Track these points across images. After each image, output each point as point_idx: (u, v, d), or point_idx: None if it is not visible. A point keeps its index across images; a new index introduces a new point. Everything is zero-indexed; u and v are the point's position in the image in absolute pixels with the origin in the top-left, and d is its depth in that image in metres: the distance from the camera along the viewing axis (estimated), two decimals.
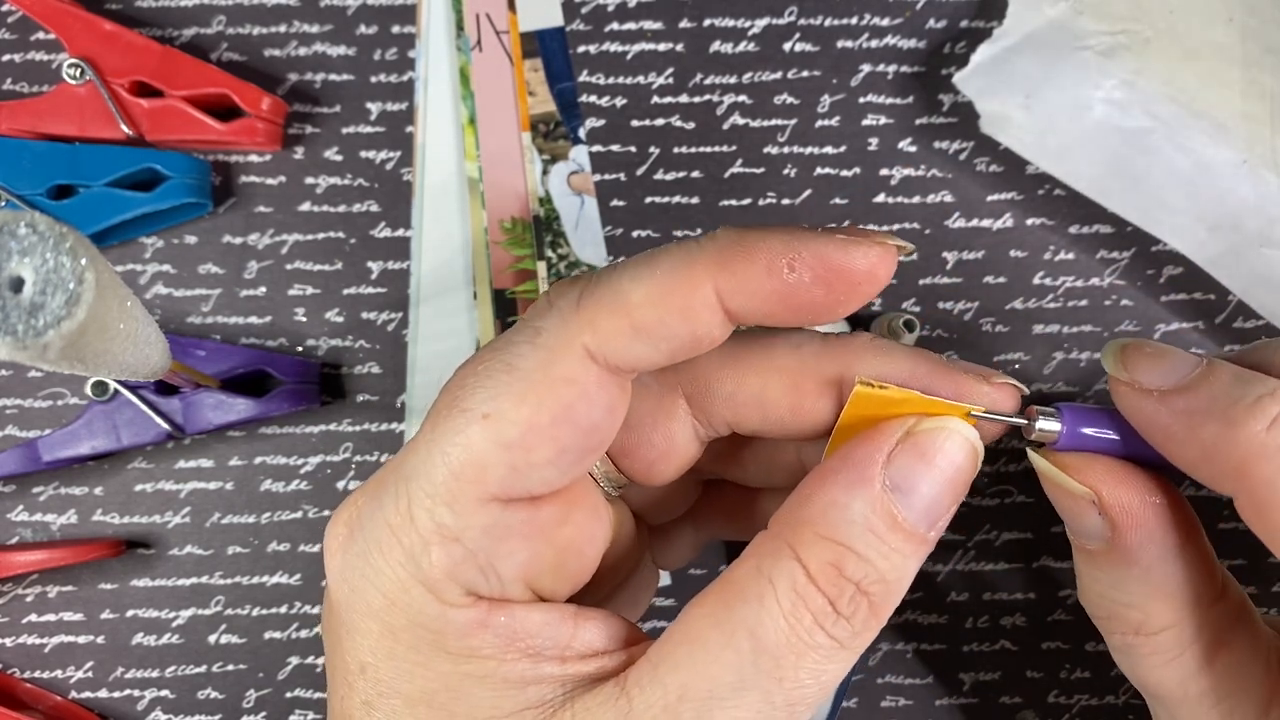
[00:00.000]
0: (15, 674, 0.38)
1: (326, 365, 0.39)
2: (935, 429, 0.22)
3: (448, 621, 0.21)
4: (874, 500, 0.21)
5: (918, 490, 0.21)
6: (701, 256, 0.21)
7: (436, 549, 0.21)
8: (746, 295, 0.21)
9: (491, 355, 0.21)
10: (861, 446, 0.22)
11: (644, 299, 0.21)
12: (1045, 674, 0.38)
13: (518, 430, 0.21)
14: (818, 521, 0.21)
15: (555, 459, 0.21)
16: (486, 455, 0.21)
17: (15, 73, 0.39)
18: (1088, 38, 0.37)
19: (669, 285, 0.21)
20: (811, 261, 0.21)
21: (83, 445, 0.36)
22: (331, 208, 0.39)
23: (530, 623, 0.22)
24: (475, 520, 0.21)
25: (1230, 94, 0.36)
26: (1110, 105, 0.36)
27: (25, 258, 0.20)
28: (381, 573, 0.21)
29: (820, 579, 0.21)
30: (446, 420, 0.21)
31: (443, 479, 0.21)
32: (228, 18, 0.39)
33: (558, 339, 0.21)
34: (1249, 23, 0.36)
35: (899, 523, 0.21)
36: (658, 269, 0.21)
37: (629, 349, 0.21)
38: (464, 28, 0.39)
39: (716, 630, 0.21)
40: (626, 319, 0.21)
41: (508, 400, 0.21)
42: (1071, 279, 0.39)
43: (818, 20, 0.39)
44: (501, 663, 0.21)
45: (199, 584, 0.38)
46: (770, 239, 0.21)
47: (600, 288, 0.21)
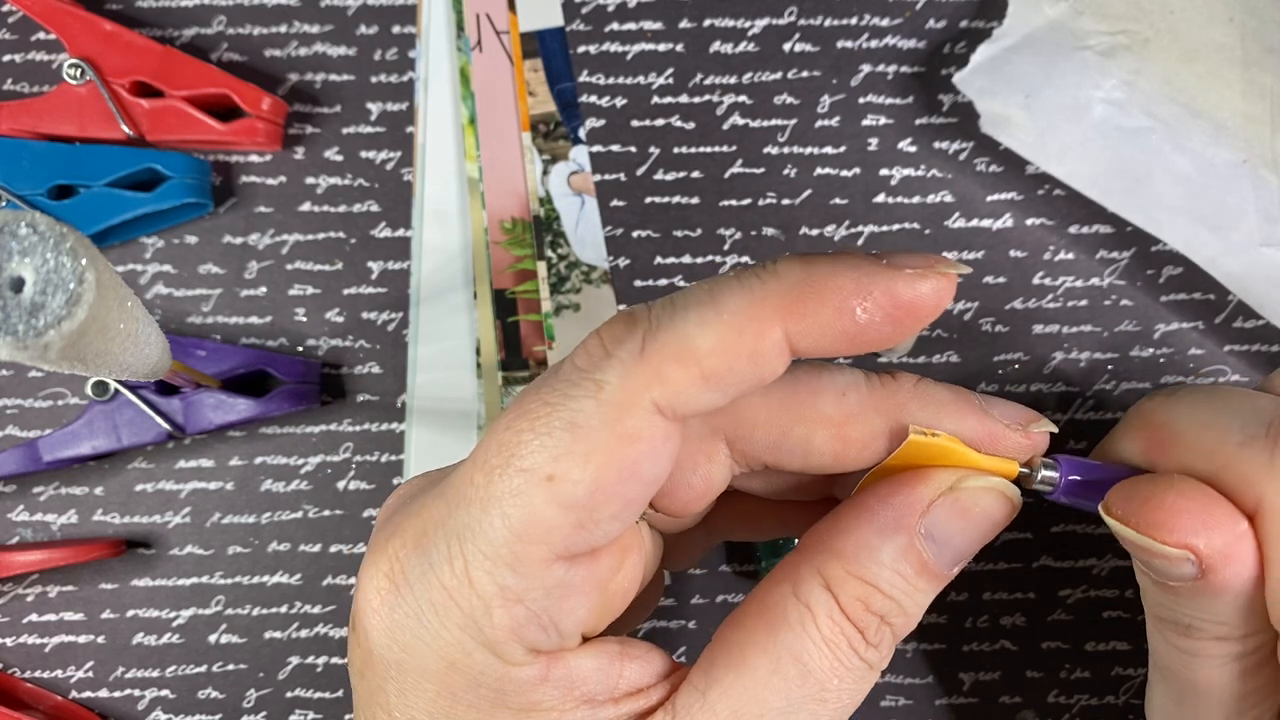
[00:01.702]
0: (15, 674, 0.38)
1: (326, 365, 0.39)
2: (980, 489, 0.23)
3: (510, 680, 0.21)
4: (906, 548, 0.22)
5: (951, 542, 0.22)
6: (769, 297, 0.20)
7: (499, 611, 0.20)
8: (816, 336, 0.20)
9: (549, 410, 0.20)
10: (902, 492, 0.22)
11: (713, 347, 0.20)
12: (1045, 674, 0.38)
13: (584, 491, 0.20)
14: (849, 559, 0.22)
15: (619, 514, 0.21)
16: (551, 517, 0.20)
17: (15, 73, 0.39)
18: (1088, 38, 0.37)
19: (739, 330, 0.20)
20: (883, 301, 0.20)
21: (83, 445, 0.36)
22: (332, 208, 0.39)
23: (584, 670, 0.22)
24: (539, 581, 0.20)
25: (1230, 94, 0.36)
26: (1110, 105, 0.36)
27: (26, 258, 0.20)
28: (439, 635, 0.21)
29: (850, 612, 0.22)
30: (504, 479, 0.20)
31: (504, 540, 0.20)
32: (228, 18, 0.39)
33: (624, 395, 0.20)
34: (1249, 23, 0.36)
35: (927, 567, 0.22)
36: (724, 311, 0.20)
37: (698, 399, 0.20)
38: (464, 28, 0.39)
39: (764, 656, 0.21)
40: (696, 369, 0.20)
41: (572, 461, 0.20)
42: (1071, 279, 0.39)
43: (818, 20, 0.39)
44: (562, 714, 0.21)
45: (199, 584, 0.38)
46: (840, 277, 0.20)
47: (664, 333, 0.20)
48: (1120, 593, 0.38)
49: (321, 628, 0.38)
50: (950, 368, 0.39)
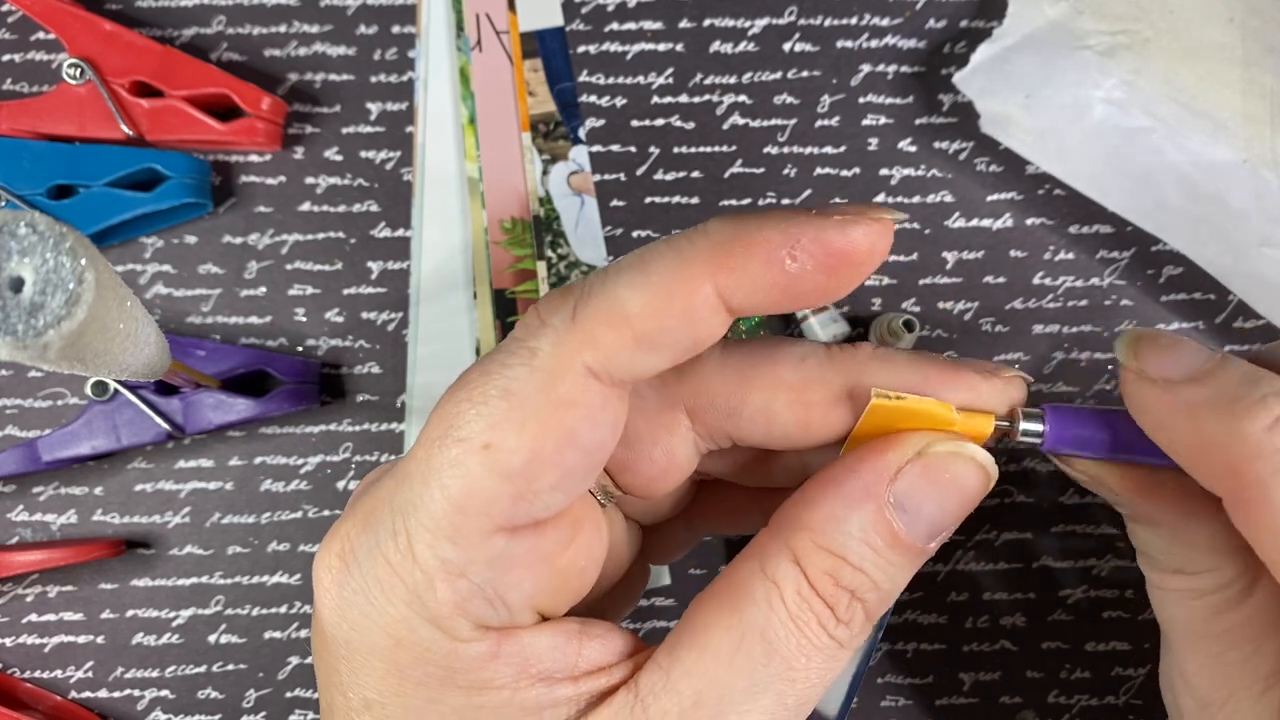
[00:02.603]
0: (15, 674, 0.38)
1: (326, 365, 0.39)
2: (949, 453, 0.22)
3: (458, 657, 0.21)
4: (874, 517, 0.21)
5: (922, 511, 0.21)
6: (697, 255, 0.20)
7: (442, 585, 0.20)
8: (748, 291, 0.20)
9: (485, 379, 0.20)
10: (868, 460, 0.21)
11: (643, 308, 0.20)
12: (1045, 674, 0.38)
13: (521, 459, 0.20)
14: (816, 531, 0.21)
15: (559, 483, 0.20)
16: (489, 487, 0.20)
17: (15, 73, 0.39)
18: (1088, 38, 0.37)
19: (668, 290, 0.20)
20: (812, 249, 0.20)
21: (83, 445, 0.36)
22: (331, 208, 0.39)
23: (539, 647, 0.21)
24: (480, 554, 0.20)
25: (1230, 94, 0.36)
26: (1110, 105, 0.36)
27: (25, 258, 0.20)
28: (385, 611, 0.20)
29: (819, 586, 0.21)
30: (442, 450, 0.20)
31: (444, 513, 0.20)
32: (228, 18, 0.39)
33: (556, 360, 0.20)
34: (1249, 23, 0.36)
35: (899, 538, 0.21)
36: (653, 273, 0.20)
37: (632, 361, 0.20)
38: (464, 28, 0.39)
39: (727, 634, 0.21)
40: (628, 331, 0.20)
41: (508, 429, 0.20)
42: (1071, 279, 0.39)
43: (818, 20, 0.39)
44: (515, 691, 0.21)
45: (199, 584, 0.38)
46: (767, 229, 0.20)
47: (595, 299, 0.20)
48: (1120, 593, 0.38)
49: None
50: None
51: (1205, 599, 0.24)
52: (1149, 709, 0.38)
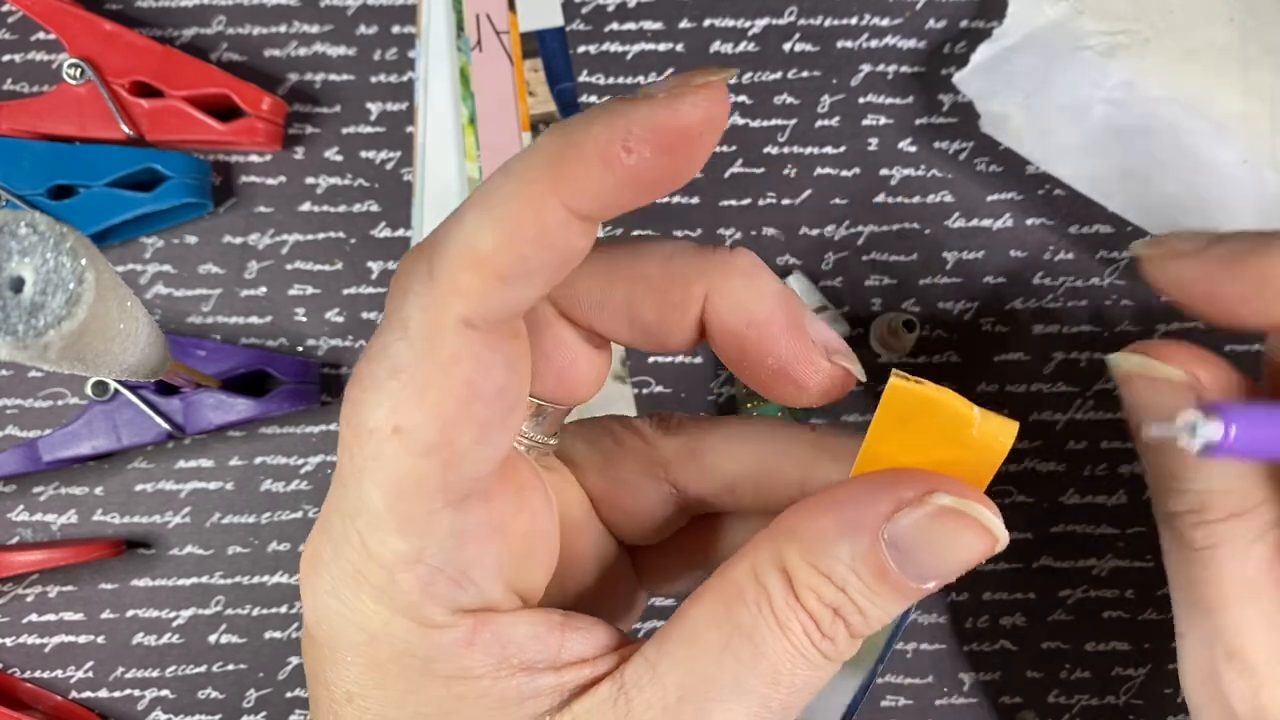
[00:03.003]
0: (15, 674, 0.38)
1: (326, 365, 0.39)
2: (953, 509, 0.20)
3: (434, 646, 0.20)
4: (866, 547, 0.20)
5: (914, 557, 0.20)
6: (534, 175, 0.19)
7: (403, 576, 0.20)
8: (594, 195, 0.19)
9: (371, 365, 0.20)
10: (872, 488, 0.21)
11: (496, 244, 0.19)
12: (1045, 674, 0.38)
13: (434, 430, 0.19)
14: (807, 546, 0.21)
15: (480, 436, 0.20)
16: (415, 468, 0.20)
17: (15, 73, 0.39)
18: (1088, 38, 0.37)
19: (515, 219, 0.19)
20: (645, 135, 0.19)
21: (83, 445, 0.36)
22: (331, 208, 0.39)
23: (518, 635, 0.21)
24: (431, 536, 0.20)
25: (1230, 94, 0.36)
26: (1111, 105, 0.36)
27: (25, 258, 0.20)
28: (356, 609, 0.21)
29: (804, 600, 0.21)
30: (362, 447, 0.20)
31: (384, 506, 0.20)
32: (228, 18, 0.39)
33: (427, 324, 0.19)
34: (1249, 23, 0.36)
35: (887, 575, 0.20)
36: (495, 206, 0.19)
37: (503, 300, 0.19)
38: (464, 28, 0.39)
39: (716, 631, 0.21)
40: (489, 271, 0.19)
41: (409, 407, 0.19)
42: (1071, 279, 0.39)
43: (818, 20, 0.39)
44: (495, 681, 0.21)
45: (199, 584, 0.38)
46: (594, 126, 0.19)
47: (447, 248, 0.19)
48: (1120, 593, 0.38)
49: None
50: (950, 368, 0.39)
51: (1266, 538, 0.24)
52: (1149, 709, 0.38)
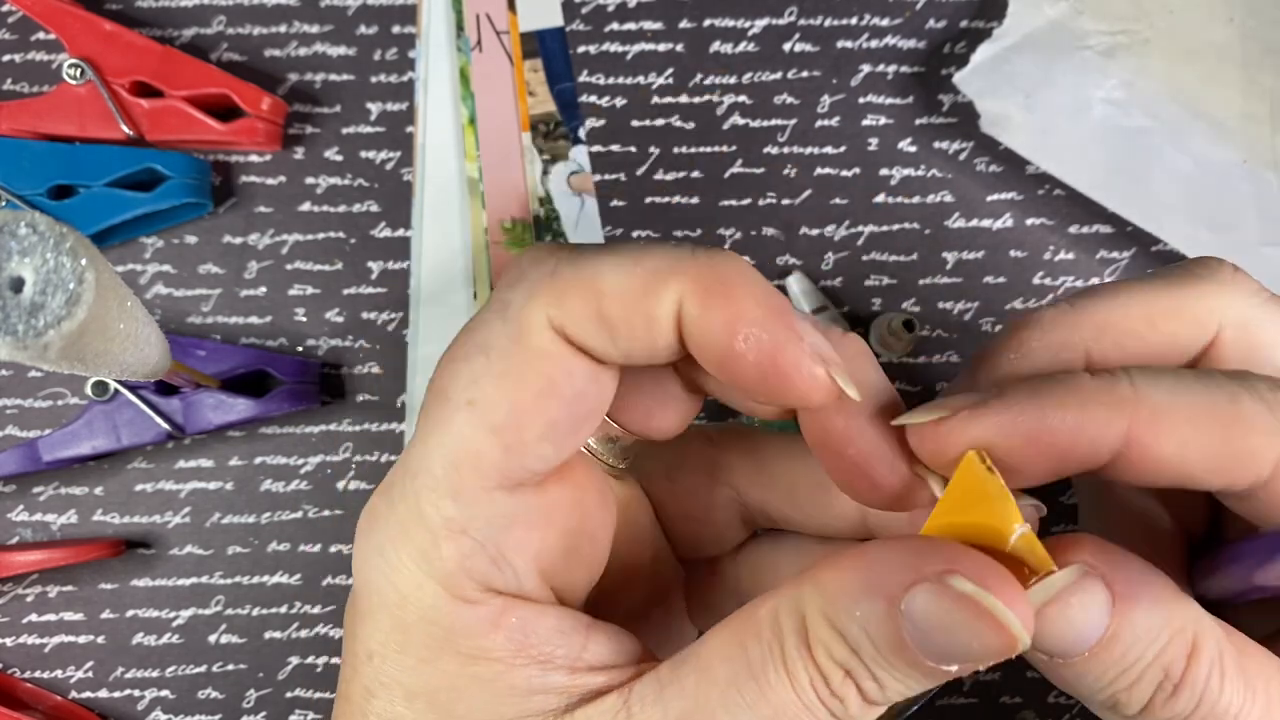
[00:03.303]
0: (15, 674, 0.38)
1: (326, 365, 0.39)
2: (968, 596, 0.18)
3: (459, 619, 0.21)
4: (880, 615, 0.19)
5: (931, 638, 0.19)
6: (684, 271, 0.20)
7: (446, 543, 0.21)
8: (699, 333, 0.20)
9: (467, 337, 0.21)
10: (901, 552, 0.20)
11: (615, 291, 0.20)
12: None
13: (503, 412, 0.20)
14: (827, 599, 0.20)
15: (547, 433, 0.21)
16: (478, 442, 0.20)
17: (15, 73, 0.39)
18: (1088, 38, 0.37)
19: (645, 286, 0.20)
20: (759, 349, 0.19)
21: (83, 445, 0.36)
22: (331, 208, 0.39)
23: (543, 627, 0.21)
24: (480, 510, 0.21)
25: (1230, 94, 0.36)
26: (1110, 105, 0.36)
27: (25, 258, 0.20)
28: (396, 568, 0.21)
29: (815, 652, 0.20)
30: (435, 411, 0.21)
31: (442, 472, 0.20)
32: (228, 18, 0.39)
33: (526, 313, 0.20)
34: (1249, 23, 0.36)
35: (903, 646, 0.19)
36: (641, 264, 0.20)
37: (591, 337, 0.20)
38: (464, 28, 0.39)
39: (727, 665, 0.20)
40: (594, 305, 0.20)
41: (488, 384, 0.20)
42: (1071, 279, 0.39)
43: (818, 20, 0.39)
44: (510, 667, 0.21)
45: (199, 584, 0.38)
46: (750, 297, 0.20)
47: (578, 264, 0.20)
48: None
49: (321, 628, 0.38)
50: (950, 367, 0.39)
51: None
52: None
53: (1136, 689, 0.20)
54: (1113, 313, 0.22)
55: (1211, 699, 0.19)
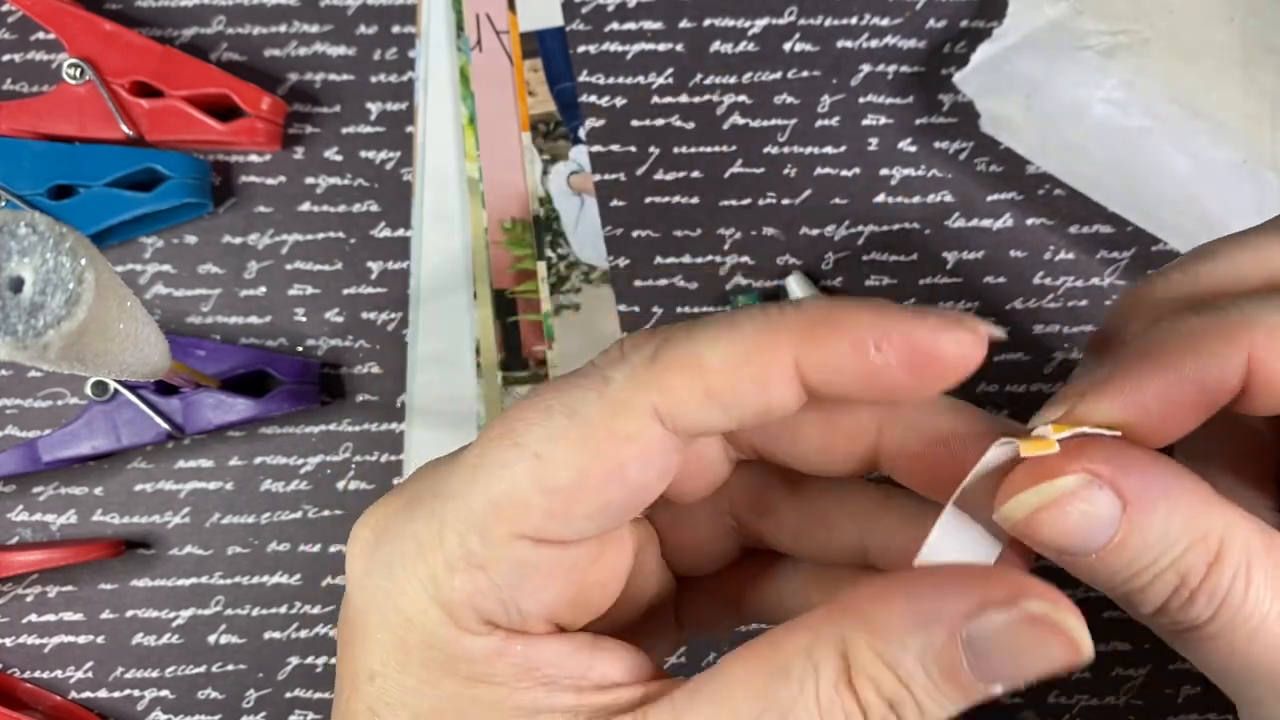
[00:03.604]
0: (15, 674, 0.38)
1: (326, 365, 0.39)
2: (1050, 621, 0.19)
3: (461, 647, 0.21)
4: (942, 644, 0.19)
5: (992, 659, 0.19)
6: (785, 325, 0.20)
7: (461, 575, 0.20)
8: (829, 370, 0.20)
9: (555, 395, 0.21)
10: (957, 579, 0.20)
11: (721, 363, 0.20)
12: None
13: (566, 478, 0.20)
14: (876, 633, 0.20)
15: (596, 514, 0.21)
16: (529, 495, 0.20)
17: (15, 73, 0.39)
18: (1088, 38, 0.37)
19: (749, 351, 0.20)
20: (900, 344, 0.20)
21: (83, 445, 0.36)
22: (331, 208, 0.39)
23: (547, 654, 0.21)
24: (504, 554, 0.20)
25: (1230, 94, 0.36)
26: (1110, 105, 0.36)
27: (25, 258, 0.20)
28: (402, 588, 0.21)
29: (858, 687, 0.20)
30: (497, 451, 0.21)
31: (480, 507, 0.20)
32: (228, 18, 0.39)
33: (626, 394, 0.20)
34: (1249, 23, 0.36)
35: (958, 675, 0.19)
36: (738, 333, 0.20)
37: (699, 414, 0.20)
38: (464, 28, 0.39)
39: (750, 702, 0.20)
40: (701, 382, 0.20)
41: (563, 445, 0.20)
42: (1071, 279, 0.39)
43: (818, 20, 0.39)
44: (514, 690, 0.21)
45: (199, 584, 0.38)
46: (859, 315, 0.20)
47: (677, 345, 0.20)
48: None
49: (321, 628, 0.38)
50: None
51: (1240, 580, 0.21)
52: (1149, 709, 0.38)
53: (1150, 590, 0.21)
54: (1219, 265, 0.22)
55: (1234, 604, 0.20)
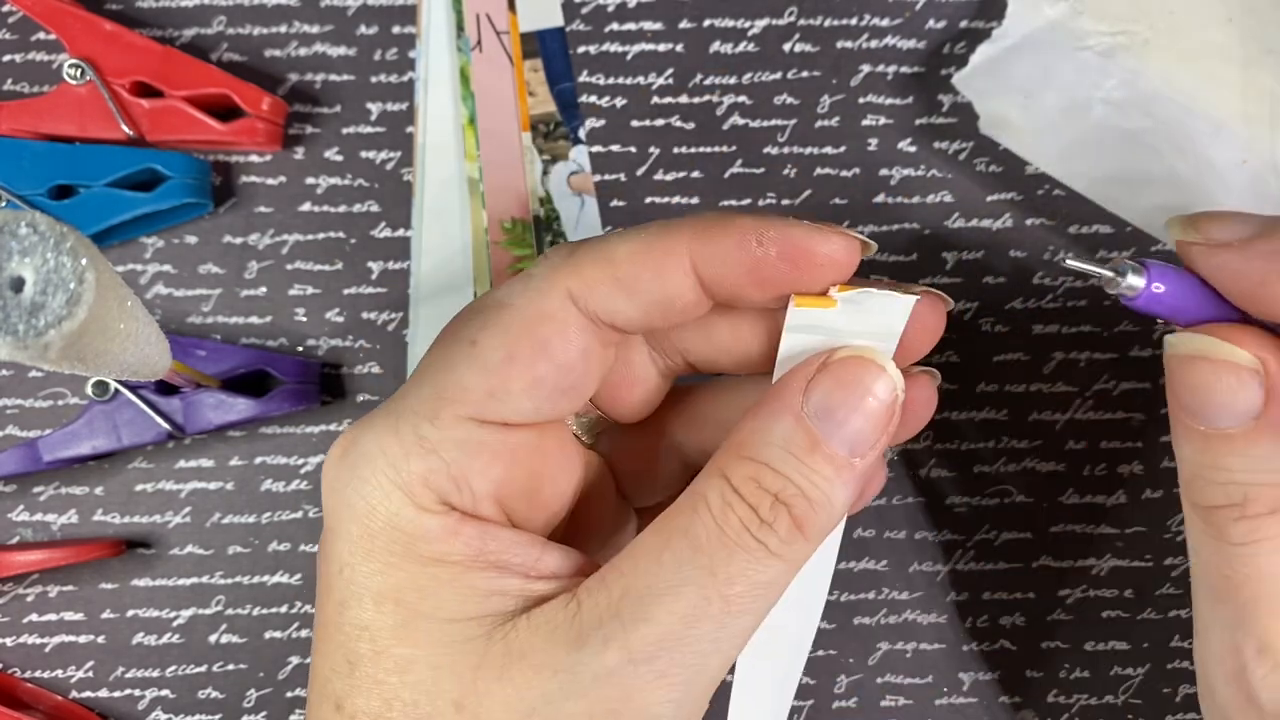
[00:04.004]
0: (15, 674, 0.38)
1: (327, 365, 0.39)
2: (847, 358, 0.23)
3: (420, 526, 0.23)
4: (794, 425, 0.23)
5: (836, 416, 0.23)
6: (682, 227, 0.23)
7: (415, 458, 0.23)
8: (718, 263, 0.23)
9: (488, 295, 0.24)
10: (786, 376, 0.24)
11: (626, 255, 0.23)
12: (1045, 674, 0.38)
13: (498, 357, 0.23)
14: (743, 444, 0.23)
15: (530, 389, 0.23)
16: (467, 378, 0.23)
17: (16, 73, 0.39)
18: (1087, 38, 0.37)
19: (649, 246, 0.23)
20: (779, 239, 0.23)
21: (83, 445, 0.36)
22: (332, 208, 0.39)
23: (500, 539, 0.23)
24: (451, 434, 0.23)
25: (1230, 94, 0.36)
26: (1110, 106, 0.36)
27: (26, 258, 0.20)
28: (366, 480, 0.23)
29: (742, 489, 0.22)
30: (438, 349, 0.24)
31: (429, 396, 0.23)
32: (228, 18, 0.39)
33: (545, 281, 0.24)
34: (1248, 23, 0.36)
35: (819, 445, 0.23)
36: (642, 232, 0.24)
37: (609, 299, 0.23)
38: (464, 28, 0.39)
39: (655, 536, 0.23)
40: (609, 270, 0.23)
41: (493, 330, 0.23)
42: (1071, 279, 0.39)
43: (818, 20, 0.39)
44: (468, 569, 0.23)
45: (199, 584, 0.38)
46: (744, 218, 0.23)
47: (590, 245, 0.24)
48: (1120, 593, 0.38)
49: None
50: (950, 367, 0.39)
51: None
52: (1148, 709, 0.38)
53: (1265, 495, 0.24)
54: None
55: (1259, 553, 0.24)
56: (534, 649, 0.22)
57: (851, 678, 0.38)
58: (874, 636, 0.38)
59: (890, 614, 0.38)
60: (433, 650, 0.22)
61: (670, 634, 0.22)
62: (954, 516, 0.39)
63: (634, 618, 0.22)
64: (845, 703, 0.38)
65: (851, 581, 0.38)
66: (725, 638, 0.22)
